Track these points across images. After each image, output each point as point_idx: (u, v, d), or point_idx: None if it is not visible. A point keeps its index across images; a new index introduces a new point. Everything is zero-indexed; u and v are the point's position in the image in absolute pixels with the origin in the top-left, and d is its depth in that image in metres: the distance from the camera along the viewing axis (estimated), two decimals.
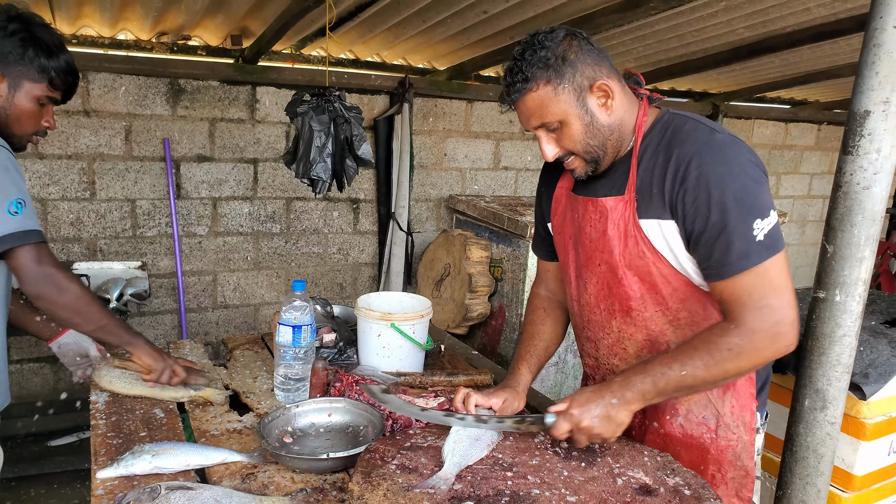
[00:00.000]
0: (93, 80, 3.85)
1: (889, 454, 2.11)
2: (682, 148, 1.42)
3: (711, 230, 1.36)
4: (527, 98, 1.47)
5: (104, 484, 1.51)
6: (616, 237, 1.53)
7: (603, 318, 1.64)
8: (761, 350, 1.35)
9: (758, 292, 1.34)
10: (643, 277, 1.52)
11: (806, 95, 6.08)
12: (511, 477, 1.34)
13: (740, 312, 1.36)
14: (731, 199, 1.34)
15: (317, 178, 3.31)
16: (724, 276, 1.37)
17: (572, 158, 1.53)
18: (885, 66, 1.59)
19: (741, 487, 1.57)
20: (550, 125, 1.49)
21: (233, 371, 2.23)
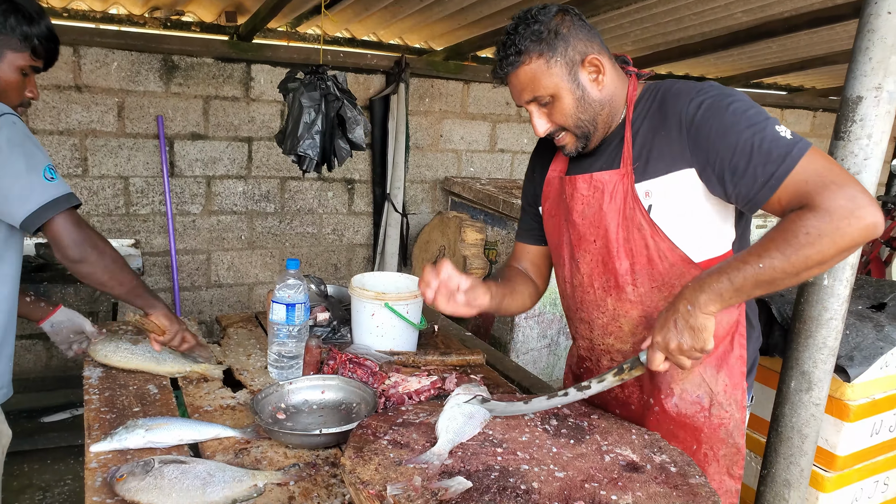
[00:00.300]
0: (84, 55, 3.83)
1: (871, 436, 2.15)
2: (677, 100, 1.43)
3: (742, 150, 1.32)
4: (519, 71, 1.48)
5: (98, 457, 1.52)
6: (613, 211, 1.52)
7: (597, 297, 1.64)
8: (843, 228, 1.21)
9: (816, 176, 1.25)
10: (639, 252, 1.52)
11: (802, 82, 6.08)
12: (501, 453, 1.36)
13: (809, 198, 1.25)
14: (744, 116, 1.34)
15: (304, 154, 3.29)
16: (777, 182, 1.29)
17: (563, 134, 1.54)
18: (879, 51, 1.60)
19: (732, 464, 1.59)
20: (542, 99, 1.49)
21: (226, 348, 2.24)
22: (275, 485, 1.46)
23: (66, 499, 3.15)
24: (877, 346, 2.04)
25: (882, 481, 2.27)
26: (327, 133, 3.32)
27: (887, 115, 1.66)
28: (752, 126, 1.32)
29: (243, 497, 1.39)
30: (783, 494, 1.85)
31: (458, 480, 1.23)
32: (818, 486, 2.09)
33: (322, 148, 3.33)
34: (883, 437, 2.18)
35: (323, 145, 3.33)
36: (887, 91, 1.63)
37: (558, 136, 1.55)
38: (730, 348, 1.58)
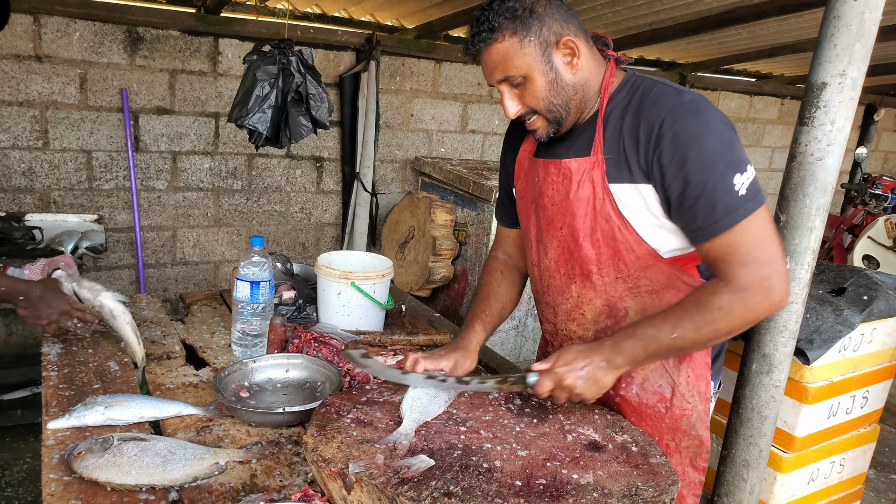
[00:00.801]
0: (45, 24, 3.71)
1: (829, 417, 2.20)
2: (652, 110, 1.40)
3: (693, 190, 1.34)
4: (491, 49, 1.44)
5: (55, 434, 1.49)
6: (580, 200, 1.50)
7: (562, 283, 1.63)
8: (753, 306, 1.34)
9: (744, 247, 1.33)
10: (606, 242, 1.50)
11: (771, 69, 6.15)
12: (464, 431, 1.36)
13: (728, 270, 1.34)
14: (709, 155, 1.33)
15: (252, 128, 3.23)
16: (711, 235, 1.35)
17: (535, 118, 1.51)
18: (844, 38, 1.62)
19: (695, 456, 1.59)
20: (514, 79, 1.45)
21: (190, 326, 2.21)
22: (237, 463, 1.45)
23: (26, 477, 3.11)
24: (836, 330, 2.09)
25: (838, 462, 2.33)
26: (282, 108, 3.25)
27: (850, 101, 1.68)
28: (711, 170, 1.33)
29: (205, 475, 1.38)
30: (742, 474, 1.89)
31: (421, 458, 1.23)
32: (776, 466, 2.14)
33: (275, 123, 3.26)
34: (840, 418, 2.24)
35: (276, 121, 3.26)
36: (851, 78, 1.65)
37: (529, 120, 1.52)
38: None
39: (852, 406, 2.25)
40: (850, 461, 2.37)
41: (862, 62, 1.64)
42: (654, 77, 1.50)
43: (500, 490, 1.16)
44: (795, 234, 1.75)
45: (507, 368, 2.14)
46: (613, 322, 1.57)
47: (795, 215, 1.74)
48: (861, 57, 1.64)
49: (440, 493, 1.13)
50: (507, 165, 1.79)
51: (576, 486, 1.19)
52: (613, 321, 1.57)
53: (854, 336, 2.15)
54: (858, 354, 2.20)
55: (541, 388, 1.42)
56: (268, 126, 3.23)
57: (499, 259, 1.89)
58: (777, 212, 1.79)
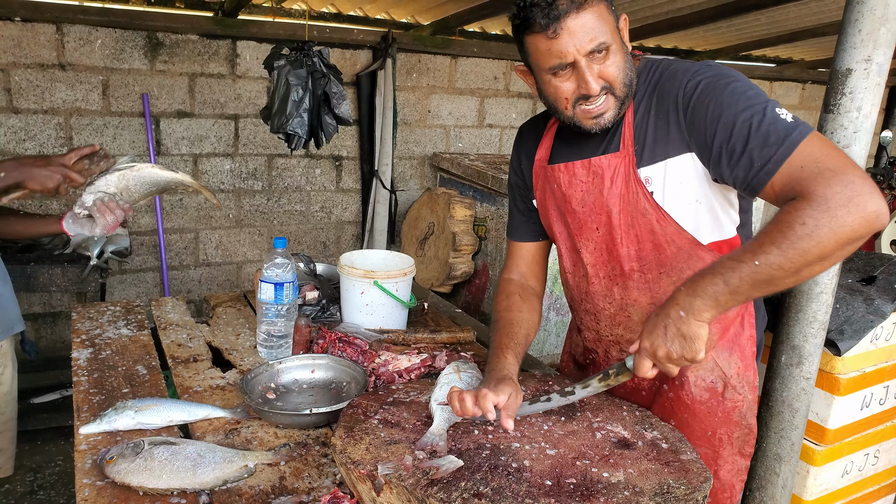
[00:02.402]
0: (68, 33, 3.76)
1: (861, 409, 2.16)
2: (672, 82, 1.38)
3: (739, 131, 1.26)
4: (583, 13, 1.31)
5: (87, 439, 1.51)
6: (615, 196, 1.46)
7: (603, 287, 1.58)
8: (841, 217, 1.13)
9: (813, 162, 1.19)
10: (645, 237, 1.46)
11: (791, 54, 6.06)
12: (492, 431, 1.36)
13: (803, 187, 1.18)
14: (743, 95, 1.28)
15: (293, 133, 3.26)
16: (773, 170, 1.23)
17: (605, 99, 1.39)
18: (868, 23, 1.58)
19: (744, 444, 1.57)
20: (601, 48, 1.34)
21: (215, 328, 2.23)
22: (265, 465, 1.45)
23: (58, 480, 3.15)
24: (867, 320, 2.05)
25: (872, 454, 2.29)
26: (314, 111, 3.29)
27: (877, 87, 1.64)
28: (751, 107, 1.26)
29: (234, 478, 1.39)
30: (774, 468, 1.86)
31: (450, 459, 1.22)
32: (809, 459, 2.11)
33: (310, 125, 3.30)
34: (873, 410, 2.20)
35: (311, 122, 3.30)
36: (877, 63, 1.61)
37: (598, 103, 1.39)
38: (740, 329, 1.56)
39: (886, 396, 2.21)
40: (884, 453, 2.33)
41: (888, 47, 1.61)
42: (666, 57, 1.48)
43: (531, 490, 1.15)
44: None
45: (530, 363, 2.13)
46: None
47: None
48: (887, 42, 1.60)
49: (470, 494, 1.12)
50: (524, 175, 1.72)
51: (606, 485, 1.18)
52: None
53: (886, 325, 2.11)
54: (891, 344, 2.16)
55: (642, 370, 1.32)
56: (306, 129, 3.28)
57: (514, 282, 1.76)
58: None
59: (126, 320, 2.20)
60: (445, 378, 1.51)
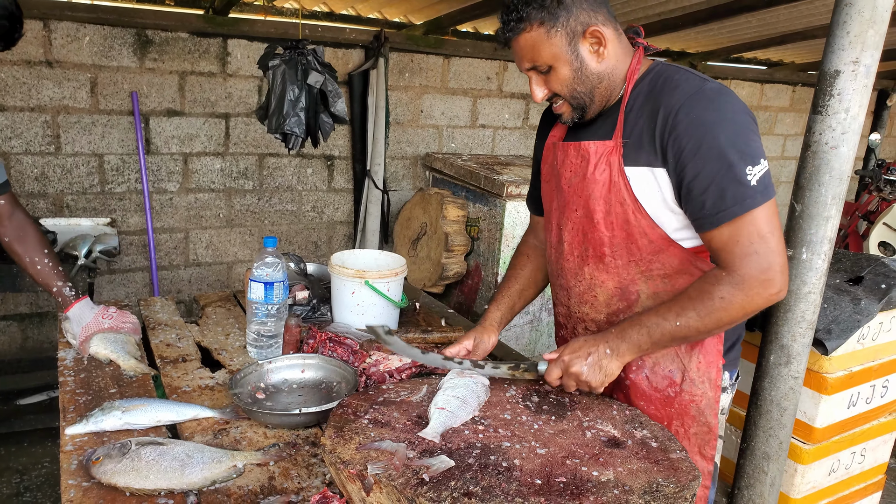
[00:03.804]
0: (55, 29, 3.73)
1: (848, 408, 2.18)
2: (671, 96, 1.42)
3: (704, 177, 1.37)
4: (520, 38, 1.47)
5: (73, 440, 1.50)
6: (596, 182, 1.53)
7: (576, 265, 1.66)
8: (752, 297, 1.37)
9: (746, 238, 1.36)
10: (620, 225, 1.52)
11: (782, 56, 6.09)
12: (482, 430, 1.36)
13: (730, 260, 1.38)
14: (723, 145, 1.35)
15: (290, 132, 3.25)
16: (718, 223, 1.38)
17: (560, 102, 1.55)
18: (856, 25, 1.59)
19: (704, 444, 1.58)
20: (541, 68, 1.49)
21: (204, 328, 2.22)
22: (254, 465, 1.45)
23: (44, 482, 3.13)
24: (854, 320, 2.06)
25: (859, 452, 2.31)
26: (311, 110, 3.28)
27: (864, 88, 1.65)
28: (723, 159, 1.35)
29: (223, 478, 1.38)
30: (762, 467, 1.87)
31: (440, 459, 1.22)
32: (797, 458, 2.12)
33: (307, 124, 3.29)
34: (860, 408, 2.21)
35: (308, 122, 3.29)
36: (864, 65, 1.62)
37: (556, 104, 1.57)
38: None
39: (872, 396, 2.23)
40: (871, 451, 2.35)
41: (875, 49, 1.62)
42: (680, 66, 1.51)
43: (521, 489, 1.15)
44: (811, 224, 1.73)
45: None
46: (625, 305, 1.59)
47: (811, 205, 1.72)
48: (874, 44, 1.61)
49: (460, 494, 1.12)
50: (537, 151, 1.83)
51: (596, 484, 1.18)
52: (625, 304, 1.59)
53: (873, 325, 2.12)
54: (877, 343, 2.18)
55: (550, 376, 1.49)
56: (303, 128, 3.27)
57: (528, 243, 1.95)
58: (792, 201, 1.77)
59: None
60: (449, 382, 1.50)
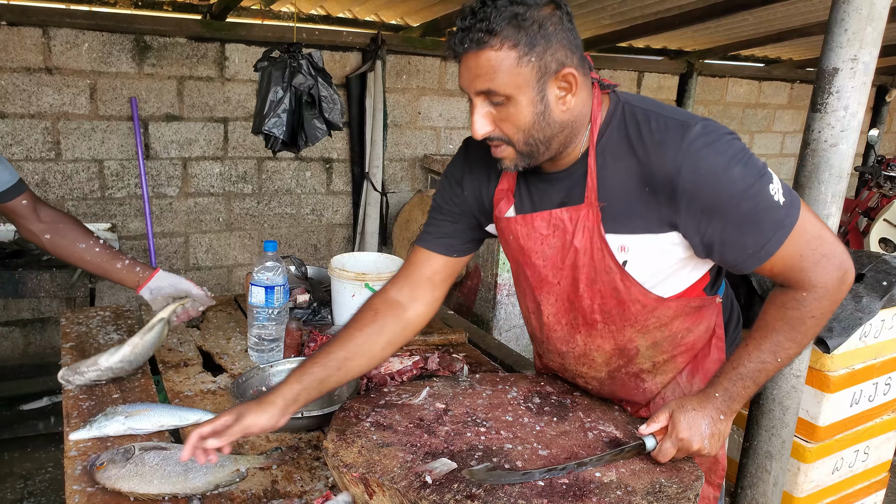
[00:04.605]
0: (54, 36, 3.73)
1: (851, 406, 2.18)
2: (661, 155, 1.23)
3: (735, 224, 1.23)
4: (481, 54, 1.18)
5: (77, 445, 1.50)
6: (577, 251, 1.36)
7: (565, 333, 1.51)
8: (839, 297, 1.29)
9: (808, 249, 1.25)
10: (608, 293, 1.38)
11: (779, 53, 6.09)
12: (484, 432, 1.36)
13: (803, 277, 1.27)
14: (740, 185, 1.20)
15: (268, 133, 3.23)
16: (767, 256, 1.25)
17: (504, 146, 1.29)
18: (855, 22, 1.59)
19: (710, 472, 1.54)
20: (495, 97, 1.22)
21: (206, 332, 2.22)
22: (257, 469, 1.45)
23: (48, 487, 3.13)
24: (855, 317, 2.06)
25: (862, 451, 2.31)
26: (296, 112, 3.26)
27: (863, 86, 1.65)
28: (746, 198, 1.21)
29: (226, 482, 1.38)
30: (765, 466, 1.87)
31: (443, 462, 1.22)
32: (800, 456, 2.12)
33: (291, 127, 3.27)
34: (863, 406, 2.21)
35: (291, 124, 3.27)
36: (863, 62, 1.62)
37: (497, 147, 1.30)
38: (707, 352, 1.54)
39: (875, 393, 2.23)
40: (874, 449, 2.34)
41: (874, 46, 1.62)
42: (643, 101, 1.33)
43: (523, 491, 1.15)
44: None
45: (524, 365, 2.13)
46: (625, 361, 1.49)
47: (811, 203, 1.72)
48: (873, 41, 1.61)
49: (463, 496, 1.12)
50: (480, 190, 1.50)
51: (599, 485, 1.18)
52: (626, 360, 1.49)
53: (874, 323, 2.12)
54: (879, 341, 2.18)
55: (665, 456, 1.28)
56: (284, 130, 3.24)
57: (385, 297, 1.55)
58: None
59: (116, 325, 2.18)
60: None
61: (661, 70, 5.76)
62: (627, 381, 1.53)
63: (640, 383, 1.53)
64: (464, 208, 1.55)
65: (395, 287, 1.56)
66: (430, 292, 1.57)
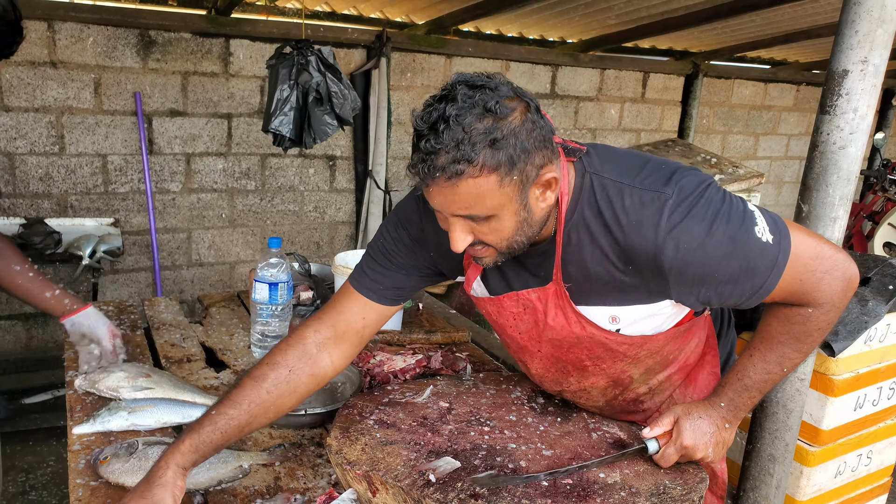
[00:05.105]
0: (59, 30, 3.73)
1: (855, 410, 2.17)
2: (638, 236, 1.17)
3: (729, 277, 1.20)
4: (462, 183, 1.07)
5: (80, 439, 1.50)
6: (553, 327, 1.34)
7: (558, 377, 1.48)
8: (844, 304, 1.29)
9: (807, 272, 1.22)
10: (596, 347, 1.36)
11: (786, 55, 6.08)
12: (488, 432, 1.36)
13: (807, 297, 1.25)
14: (725, 247, 1.16)
15: (275, 131, 3.23)
16: (767, 292, 1.23)
17: (485, 248, 1.22)
18: (865, 24, 1.58)
19: (711, 483, 1.53)
20: (477, 218, 1.14)
21: (209, 328, 2.21)
22: (260, 465, 1.45)
23: (50, 480, 3.13)
24: (861, 321, 2.05)
25: (865, 455, 2.30)
26: (303, 109, 3.25)
27: (873, 88, 1.64)
28: (734, 255, 1.17)
29: (229, 478, 1.38)
30: (768, 469, 1.86)
31: (446, 460, 1.22)
32: (802, 460, 2.11)
33: (298, 124, 3.26)
34: (867, 410, 2.20)
35: (298, 122, 3.26)
36: (873, 64, 1.61)
37: (478, 249, 1.22)
38: (701, 364, 1.54)
39: (879, 398, 2.22)
40: (877, 454, 2.33)
41: (884, 48, 1.61)
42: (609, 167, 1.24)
43: (527, 490, 1.15)
44: (819, 225, 1.72)
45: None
46: (622, 389, 1.47)
47: (818, 206, 1.71)
48: (883, 43, 1.60)
49: (466, 495, 1.12)
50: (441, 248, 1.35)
51: (603, 486, 1.18)
52: (621, 388, 1.47)
53: (880, 326, 2.11)
54: (885, 345, 2.17)
55: (667, 462, 1.28)
56: (291, 128, 3.23)
57: (303, 342, 1.38)
58: (799, 202, 1.76)
59: (119, 320, 2.18)
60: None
61: (667, 71, 5.75)
62: (626, 406, 1.53)
63: (639, 405, 1.53)
64: (419, 262, 1.43)
65: (316, 333, 1.39)
66: (356, 346, 1.44)
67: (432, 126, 1.07)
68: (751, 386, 1.33)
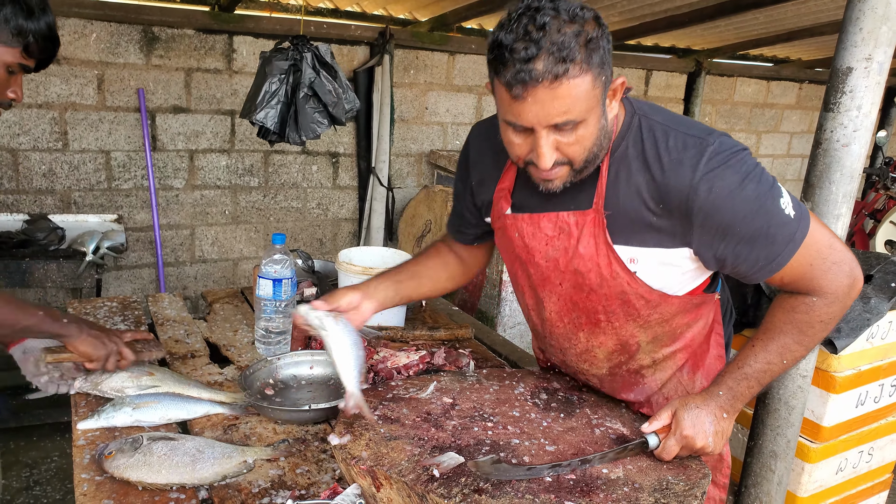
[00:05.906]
0: (63, 26, 3.73)
1: (857, 406, 2.17)
2: (676, 173, 1.24)
3: (748, 237, 1.26)
4: (561, 84, 1.11)
5: (85, 435, 1.51)
6: (583, 257, 1.36)
7: (567, 331, 1.51)
8: (847, 302, 1.32)
9: (818, 258, 1.28)
10: (613, 295, 1.39)
11: (789, 53, 6.07)
12: (491, 427, 1.36)
13: (813, 284, 1.30)
14: (753, 202, 1.22)
15: (259, 123, 3.23)
16: (779, 267, 1.28)
17: (558, 169, 1.25)
18: (870, 22, 1.59)
19: (715, 472, 1.55)
20: (568, 126, 1.18)
21: (213, 324, 2.22)
22: (264, 460, 1.45)
23: (54, 475, 3.14)
24: (863, 318, 2.06)
25: (866, 451, 2.31)
26: (290, 104, 3.25)
27: (877, 86, 1.65)
28: (759, 214, 1.24)
29: (233, 473, 1.39)
30: (770, 465, 1.87)
31: (450, 455, 1.22)
32: (804, 456, 2.12)
33: (283, 119, 3.25)
34: (868, 407, 2.21)
35: (284, 116, 3.25)
36: (877, 62, 1.62)
37: (552, 171, 1.25)
38: (706, 348, 1.55)
39: (880, 395, 2.23)
40: (878, 450, 2.34)
41: (888, 46, 1.62)
42: (657, 112, 1.33)
43: (530, 486, 1.15)
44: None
45: (528, 361, 2.13)
46: (627, 357, 1.50)
47: (822, 203, 1.72)
48: (887, 40, 1.61)
49: (470, 490, 1.12)
50: (484, 190, 1.53)
51: (606, 481, 1.18)
52: (627, 356, 1.50)
53: (882, 324, 2.12)
54: (887, 342, 2.17)
55: (668, 454, 1.28)
56: (275, 122, 3.23)
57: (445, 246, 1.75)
58: (802, 199, 1.76)
59: (123, 316, 2.19)
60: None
61: (670, 68, 5.74)
62: (628, 378, 1.54)
63: (640, 379, 1.54)
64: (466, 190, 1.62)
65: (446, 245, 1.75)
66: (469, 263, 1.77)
67: (525, 35, 1.10)
68: (750, 375, 1.34)
